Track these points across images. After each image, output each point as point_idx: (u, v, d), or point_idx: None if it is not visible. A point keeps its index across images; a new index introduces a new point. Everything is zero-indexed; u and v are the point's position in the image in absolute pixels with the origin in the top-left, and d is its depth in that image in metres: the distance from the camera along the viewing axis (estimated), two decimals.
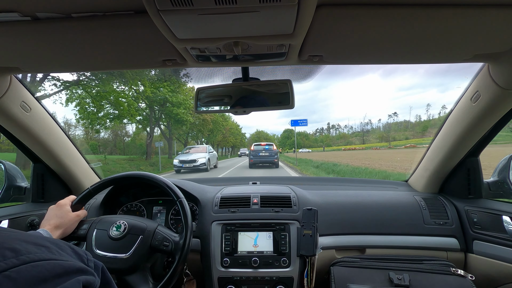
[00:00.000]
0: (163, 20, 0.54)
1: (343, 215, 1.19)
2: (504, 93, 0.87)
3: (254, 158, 14.05)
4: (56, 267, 0.33)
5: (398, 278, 0.95)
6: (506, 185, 1.11)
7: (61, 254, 0.36)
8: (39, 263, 0.32)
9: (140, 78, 15.24)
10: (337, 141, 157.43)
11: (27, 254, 0.32)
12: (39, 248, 0.34)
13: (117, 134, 41.49)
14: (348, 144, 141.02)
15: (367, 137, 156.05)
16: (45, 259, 0.33)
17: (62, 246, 0.38)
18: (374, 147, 74.33)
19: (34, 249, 0.33)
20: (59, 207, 0.91)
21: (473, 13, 0.58)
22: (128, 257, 0.86)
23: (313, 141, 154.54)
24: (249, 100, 0.94)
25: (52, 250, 0.35)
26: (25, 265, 0.30)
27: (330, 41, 0.70)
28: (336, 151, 78.03)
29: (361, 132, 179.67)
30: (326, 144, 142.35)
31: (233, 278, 1.04)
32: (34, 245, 0.34)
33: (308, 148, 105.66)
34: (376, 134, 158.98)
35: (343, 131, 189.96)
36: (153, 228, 0.92)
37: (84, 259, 0.39)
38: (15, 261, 0.30)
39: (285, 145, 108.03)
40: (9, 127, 1.05)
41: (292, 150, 61.38)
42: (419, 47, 0.72)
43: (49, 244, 0.36)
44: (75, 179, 1.34)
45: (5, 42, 0.68)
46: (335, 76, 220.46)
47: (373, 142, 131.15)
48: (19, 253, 0.31)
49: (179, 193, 0.98)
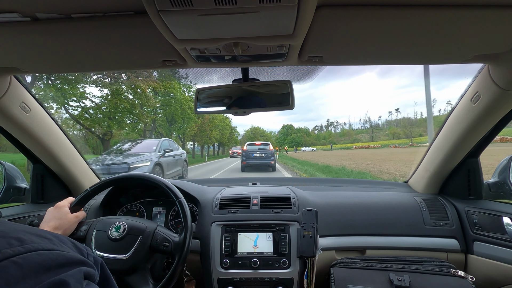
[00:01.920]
0: (163, 21, 0.54)
1: (343, 216, 1.18)
2: (504, 94, 0.86)
3: (247, 160, 12.09)
4: (59, 257, 0.34)
5: (398, 279, 0.95)
6: (506, 186, 1.11)
7: (63, 247, 0.37)
8: (43, 252, 0.33)
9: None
10: (340, 139, 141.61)
11: (31, 244, 0.33)
12: (42, 239, 0.35)
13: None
14: (355, 141, 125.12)
15: (376, 134, 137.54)
16: (49, 249, 0.34)
17: (63, 239, 0.39)
18: (392, 145, 61.76)
19: (37, 239, 0.34)
20: (58, 208, 0.91)
21: (473, 13, 0.58)
22: (127, 258, 0.86)
23: (315, 138, 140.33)
24: (249, 100, 0.94)
25: (54, 242, 0.36)
26: (30, 253, 0.31)
27: (330, 41, 0.69)
28: (345, 149, 65.18)
29: (368, 128, 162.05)
30: (330, 142, 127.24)
31: (233, 279, 1.04)
32: (37, 236, 0.35)
33: (312, 147, 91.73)
34: (387, 130, 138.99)
35: (345, 128, 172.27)
36: (152, 229, 0.92)
37: (84, 253, 0.40)
38: (20, 249, 0.31)
39: (284, 143, 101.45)
40: (9, 127, 1.05)
41: (294, 149, 54.90)
42: (419, 48, 0.72)
43: (51, 237, 0.37)
44: (74, 180, 1.33)
45: (5, 42, 0.68)
46: (332, 75, 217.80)
47: (383, 140, 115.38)
48: (24, 242, 0.32)
49: (178, 193, 0.98)
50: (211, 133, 32.88)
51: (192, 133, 27.58)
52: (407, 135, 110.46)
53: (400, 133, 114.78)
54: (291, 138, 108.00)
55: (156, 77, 13.94)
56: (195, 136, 29.70)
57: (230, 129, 46.01)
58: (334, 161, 18.35)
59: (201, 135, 30.76)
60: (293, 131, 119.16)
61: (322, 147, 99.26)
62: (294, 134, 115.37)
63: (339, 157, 24.36)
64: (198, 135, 29.97)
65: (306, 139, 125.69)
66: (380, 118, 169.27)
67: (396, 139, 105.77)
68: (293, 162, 19.36)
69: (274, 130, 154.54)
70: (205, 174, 12.28)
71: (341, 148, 74.68)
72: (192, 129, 26.20)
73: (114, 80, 13.37)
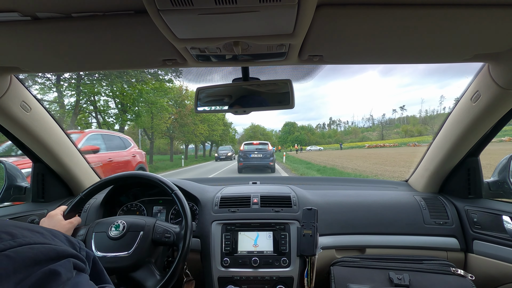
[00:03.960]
0: (163, 20, 0.54)
1: (343, 215, 1.19)
2: (504, 93, 0.87)
3: (244, 161, 11.26)
4: (50, 251, 0.34)
5: (398, 278, 0.95)
6: (506, 185, 1.11)
7: (55, 241, 0.38)
8: (35, 246, 0.33)
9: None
10: (346, 137, 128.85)
11: (23, 238, 0.33)
12: (33, 233, 0.36)
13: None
14: (363, 139, 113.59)
15: (386, 131, 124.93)
16: (40, 243, 0.35)
17: (56, 233, 0.40)
18: (411, 143, 52.80)
19: (29, 234, 0.35)
20: (50, 217, 0.90)
21: (473, 13, 0.58)
22: (131, 254, 0.86)
23: (319, 136, 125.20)
24: (249, 100, 0.94)
25: (46, 236, 0.37)
26: (22, 247, 0.32)
27: (330, 41, 0.70)
28: (356, 148, 56.46)
29: (376, 125, 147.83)
30: (336, 140, 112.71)
31: (233, 277, 1.04)
32: (28, 231, 0.36)
33: (319, 146, 78.87)
34: (398, 127, 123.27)
35: (351, 126, 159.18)
36: (152, 223, 0.93)
37: (76, 247, 0.41)
38: (12, 243, 0.32)
39: (287, 141, 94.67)
40: (9, 127, 1.05)
41: (299, 148, 46.42)
42: (419, 47, 0.72)
43: (43, 231, 0.38)
44: (75, 179, 1.34)
45: (5, 42, 0.68)
46: (334, 73, 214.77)
47: (394, 138, 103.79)
48: (15, 236, 0.33)
49: (172, 186, 1.00)
50: (197, 128, 24.63)
51: (164, 128, 19.92)
52: (421, 132, 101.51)
53: (413, 131, 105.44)
54: (294, 137, 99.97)
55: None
56: (173, 132, 22.31)
57: (224, 125, 35.38)
58: (363, 164, 14.33)
59: (182, 131, 23.11)
60: (296, 129, 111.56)
61: (329, 146, 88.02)
62: (297, 132, 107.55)
63: (360, 159, 19.13)
64: (177, 130, 22.56)
65: (311, 137, 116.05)
66: (384, 116, 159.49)
67: (409, 137, 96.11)
68: (297, 164, 15.74)
69: (275, 128, 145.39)
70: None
71: (351, 147, 63.64)
72: (163, 122, 18.95)
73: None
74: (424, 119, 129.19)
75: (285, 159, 19.76)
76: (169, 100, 20.75)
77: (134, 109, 15.28)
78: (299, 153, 38.73)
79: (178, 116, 22.51)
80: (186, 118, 22.79)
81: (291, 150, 61.84)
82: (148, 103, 15.78)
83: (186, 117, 22.75)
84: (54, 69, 0.90)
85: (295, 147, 49.61)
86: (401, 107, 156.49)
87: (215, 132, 30.11)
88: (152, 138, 20.02)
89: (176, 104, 22.86)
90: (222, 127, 32.96)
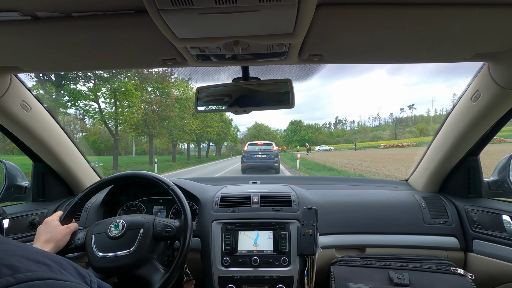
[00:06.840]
0: (163, 20, 0.54)
1: (343, 214, 1.19)
2: (504, 93, 0.87)
3: (248, 162, 11.01)
4: (55, 287, 0.31)
5: (398, 277, 0.95)
6: (506, 185, 1.11)
7: (63, 274, 0.34)
8: (36, 282, 0.30)
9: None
10: (355, 136, 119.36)
11: (25, 272, 0.30)
12: (39, 266, 0.32)
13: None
14: (374, 139, 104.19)
15: (399, 130, 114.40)
16: (44, 278, 0.31)
17: (65, 265, 0.36)
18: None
19: (34, 266, 0.32)
20: (46, 224, 0.90)
21: (473, 12, 0.58)
22: (132, 252, 0.86)
23: (327, 136, 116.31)
24: (249, 99, 0.94)
25: (53, 269, 0.33)
26: (21, 285, 0.29)
27: (330, 40, 0.70)
28: (370, 148, 50.75)
29: (387, 124, 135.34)
30: (346, 140, 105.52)
31: (233, 277, 1.04)
32: (34, 263, 0.32)
33: (329, 146, 71.58)
34: (413, 126, 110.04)
35: (360, 124, 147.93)
36: (151, 220, 0.93)
37: (87, 280, 0.38)
38: (11, 280, 0.28)
39: (293, 141, 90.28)
40: (10, 126, 1.05)
41: (307, 148, 41.30)
42: (419, 47, 0.72)
43: (50, 263, 0.34)
44: (75, 178, 1.34)
45: (5, 41, 0.68)
46: (340, 73, 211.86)
47: (408, 137, 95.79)
48: (17, 270, 0.30)
49: (168, 182, 1.00)
50: (187, 124, 19.81)
51: (134, 121, 14.92)
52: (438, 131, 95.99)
53: (429, 129, 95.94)
54: (301, 136, 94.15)
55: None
56: (152, 128, 16.87)
57: (223, 121, 29.62)
58: (405, 170, 11.21)
59: (164, 126, 17.93)
60: (302, 127, 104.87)
61: (339, 146, 76.76)
62: (304, 131, 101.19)
63: (391, 161, 16.04)
64: (157, 126, 17.09)
65: (318, 136, 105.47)
66: (392, 115, 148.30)
67: (424, 135, 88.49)
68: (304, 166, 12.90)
69: (280, 128, 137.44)
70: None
71: (365, 147, 57.98)
72: (129, 112, 14.34)
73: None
74: (437, 117, 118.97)
75: (299, 164, 14.52)
76: (143, 84, 16.30)
77: (70, 87, 10.72)
78: (310, 154, 34.75)
79: (158, 107, 17.17)
80: (170, 110, 17.41)
81: (297, 150, 57.49)
82: (100, 80, 11.44)
83: (169, 108, 17.38)
84: (54, 69, 0.90)
85: (306, 147, 44.94)
86: (409, 106, 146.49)
87: (210, 129, 24.82)
88: (116, 134, 15.32)
89: (157, 91, 17.87)
90: (219, 123, 27.44)
